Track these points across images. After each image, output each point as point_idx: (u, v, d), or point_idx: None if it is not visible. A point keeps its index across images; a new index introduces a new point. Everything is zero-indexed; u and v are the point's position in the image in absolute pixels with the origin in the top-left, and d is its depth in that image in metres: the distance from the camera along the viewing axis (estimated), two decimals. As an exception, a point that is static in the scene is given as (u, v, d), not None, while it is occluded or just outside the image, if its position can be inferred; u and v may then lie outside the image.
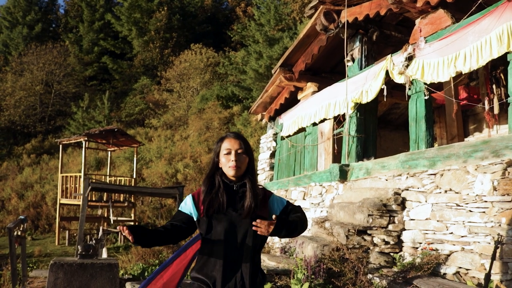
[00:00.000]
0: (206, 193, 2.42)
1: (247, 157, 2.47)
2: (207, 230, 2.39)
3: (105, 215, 14.34)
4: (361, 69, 7.46)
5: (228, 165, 2.42)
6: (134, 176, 15.26)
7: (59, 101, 31.43)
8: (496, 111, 7.43)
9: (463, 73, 5.38)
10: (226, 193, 2.42)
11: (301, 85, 9.65)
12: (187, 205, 2.47)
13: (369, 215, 5.57)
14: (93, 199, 13.09)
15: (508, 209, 4.32)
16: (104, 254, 8.18)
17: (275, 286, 5.28)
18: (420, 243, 5.37)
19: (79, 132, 23.69)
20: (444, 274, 4.89)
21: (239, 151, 2.44)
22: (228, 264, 2.34)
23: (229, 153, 2.43)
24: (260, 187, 2.51)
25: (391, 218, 5.67)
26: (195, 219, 2.46)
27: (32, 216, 16.07)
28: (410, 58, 6.09)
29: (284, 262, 6.12)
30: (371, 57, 7.67)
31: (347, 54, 7.74)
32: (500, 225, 4.36)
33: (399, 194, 5.80)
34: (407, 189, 5.75)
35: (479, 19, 5.08)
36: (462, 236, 4.81)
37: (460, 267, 4.76)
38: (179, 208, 2.50)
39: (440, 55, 5.57)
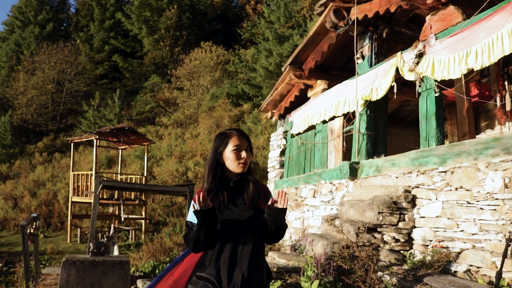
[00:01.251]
0: (208, 191, 2.41)
1: (251, 154, 2.51)
2: None
3: (116, 213, 14.45)
4: (371, 66, 7.44)
5: (238, 162, 2.43)
6: (145, 174, 15.34)
7: (70, 100, 31.70)
8: (508, 107, 7.37)
9: (474, 70, 5.33)
10: (225, 189, 2.43)
11: (311, 83, 9.64)
12: (194, 215, 2.41)
13: (379, 212, 5.56)
14: (105, 197, 13.20)
15: (520, 207, 4.29)
16: (116, 252, 8.25)
17: (285, 284, 5.30)
18: (431, 240, 5.35)
19: (90, 131, 23.87)
20: (455, 272, 4.86)
21: (247, 149, 2.48)
22: (233, 261, 2.34)
23: (239, 150, 2.43)
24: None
25: (401, 215, 5.66)
26: None
27: (44, 214, 16.21)
28: (420, 55, 6.06)
29: (294, 259, 6.13)
30: (381, 54, 7.64)
31: (357, 52, 7.72)
32: (511, 223, 4.33)
33: (410, 192, 5.78)
34: (418, 187, 5.72)
35: (490, 15, 5.04)
36: (473, 234, 4.78)
37: (471, 265, 4.74)
38: (189, 220, 2.45)
39: (451, 52, 5.53)
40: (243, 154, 2.43)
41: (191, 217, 2.44)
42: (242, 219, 2.39)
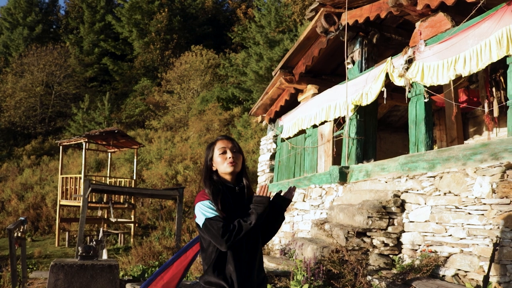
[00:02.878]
0: (214, 195, 2.40)
1: (240, 155, 2.57)
2: None
3: (105, 217, 14.35)
4: (361, 71, 7.48)
5: (226, 162, 2.49)
6: (134, 178, 15.26)
7: (59, 102, 31.46)
8: (495, 114, 7.46)
9: (463, 76, 5.40)
10: (230, 194, 2.47)
11: (301, 87, 9.67)
12: (212, 210, 2.34)
13: (368, 217, 5.59)
14: (93, 200, 13.10)
15: (507, 212, 4.34)
16: (104, 256, 8.18)
17: (274, 288, 5.29)
18: (419, 245, 5.39)
19: (79, 134, 23.72)
20: (443, 276, 4.90)
21: (234, 149, 2.54)
22: (243, 265, 2.37)
23: (224, 152, 2.51)
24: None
25: (391, 220, 5.69)
26: None
27: (32, 218, 16.05)
28: (410, 61, 6.11)
29: (283, 263, 6.14)
30: (371, 60, 7.69)
31: (347, 57, 7.76)
32: (498, 228, 4.37)
33: (399, 196, 5.82)
34: (407, 191, 5.76)
35: (479, 23, 5.10)
36: (461, 238, 4.82)
37: (459, 269, 4.78)
38: (210, 216, 2.33)
39: (440, 58, 5.59)
40: (229, 154, 2.51)
41: (210, 212, 2.34)
42: None
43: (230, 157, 2.49)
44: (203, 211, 2.35)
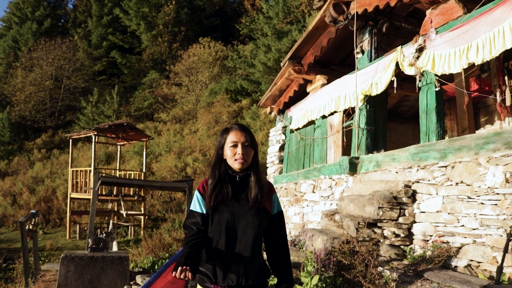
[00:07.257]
0: (213, 187, 2.38)
1: (252, 149, 2.43)
2: (212, 222, 2.37)
3: (115, 209, 14.44)
4: (370, 61, 7.40)
5: (234, 158, 2.38)
6: (144, 170, 15.33)
7: (68, 96, 31.64)
8: (508, 102, 7.34)
9: (475, 64, 5.30)
10: (230, 184, 2.39)
11: (310, 78, 9.59)
12: (197, 204, 2.41)
13: (379, 207, 5.54)
14: (103, 193, 13.17)
15: (521, 201, 4.27)
16: (115, 248, 8.25)
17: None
18: (431, 235, 5.33)
19: (89, 127, 23.82)
20: (455, 267, 4.85)
21: (246, 143, 2.40)
22: (230, 257, 2.31)
23: (235, 146, 2.38)
24: (265, 180, 2.51)
25: (402, 210, 5.64)
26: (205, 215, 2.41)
27: (43, 210, 16.21)
28: (420, 50, 6.02)
29: (294, 255, 6.11)
30: (381, 49, 7.60)
31: (356, 46, 7.68)
32: (512, 218, 4.31)
33: (410, 187, 5.76)
34: (418, 182, 5.70)
35: (491, 9, 5.00)
36: (473, 229, 4.76)
37: (471, 260, 4.72)
38: (192, 209, 2.42)
39: (452, 46, 5.49)
40: (239, 150, 2.37)
41: (194, 206, 2.42)
42: (242, 216, 2.35)
43: (239, 153, 2.37)
44: (192, 200, 2.45)
